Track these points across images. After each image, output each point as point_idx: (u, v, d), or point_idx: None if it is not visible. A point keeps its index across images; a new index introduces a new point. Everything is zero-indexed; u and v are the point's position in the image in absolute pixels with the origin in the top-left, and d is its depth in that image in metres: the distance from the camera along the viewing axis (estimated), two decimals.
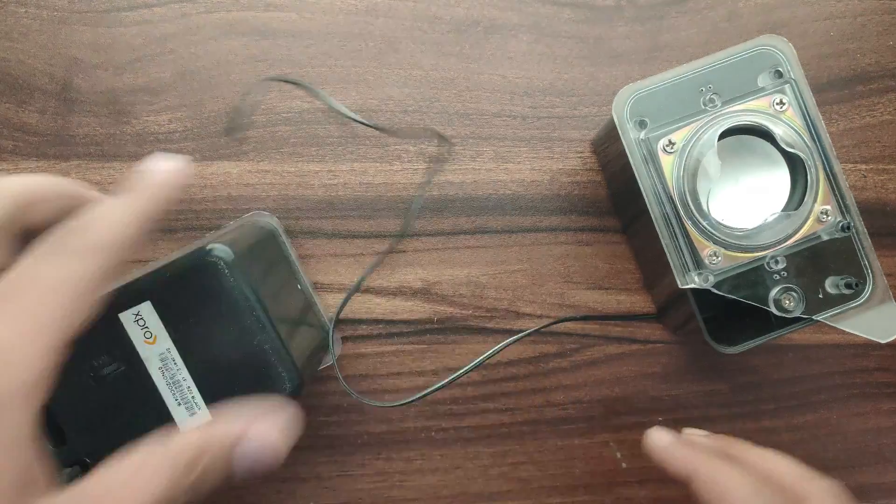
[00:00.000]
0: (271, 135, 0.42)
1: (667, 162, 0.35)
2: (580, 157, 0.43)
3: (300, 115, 0.42)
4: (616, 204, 0.42)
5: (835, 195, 0.35)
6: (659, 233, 0.35)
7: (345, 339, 0.41)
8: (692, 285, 0.35)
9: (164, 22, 0.42)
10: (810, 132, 0.35)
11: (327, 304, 0.41)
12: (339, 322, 0.41)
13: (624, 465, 0.42)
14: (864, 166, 0.44)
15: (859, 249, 0.35)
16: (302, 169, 0.42)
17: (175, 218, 0.41)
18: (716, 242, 0.35)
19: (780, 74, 0.36)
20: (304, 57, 0.42)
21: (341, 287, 0.42)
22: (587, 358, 0.42)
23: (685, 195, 0.35)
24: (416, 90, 0.43)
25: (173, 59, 0.42)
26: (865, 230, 0.35)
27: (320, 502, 0.41)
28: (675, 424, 0.42)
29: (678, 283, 0.35)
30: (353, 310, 0.42)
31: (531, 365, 0.42)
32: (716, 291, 0.35)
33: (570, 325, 0.42)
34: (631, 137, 0.35)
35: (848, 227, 0.35)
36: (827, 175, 0.35)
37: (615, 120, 0.35)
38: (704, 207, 0.35)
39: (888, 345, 0.43)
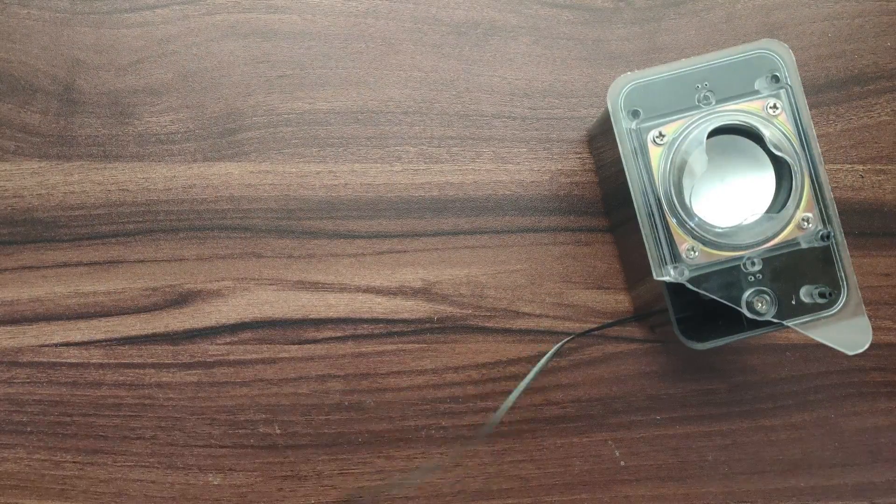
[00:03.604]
0: (272, 135, 0.42)
1: (655, 153, 0.36)
2: (579, 158, 0.43)
3: (301, 116, 0.42)
4: (607, 206, 0.43)
5: (818, 204, 0.36)
6: (640, 223, 0.35)
7: (346, 338, 0.42)
8: (667, 278, 0.35)
9: (165, 23, 0.42)
10: (800, 139, 0.36)
11: (328, 304, 0.42)
12: (341, 321, 0.42)
13: (622, 463, 0.42)
14: (861, 167, 0.44)
15: (837, 260, 0.36)
16: (303, 169, 0.42)
17: (177, 218, 0.42)
18: (695, 238, 0.35)
19: (777, 79, 0.36)
20: (306, 58, 0.43)
21: (342, 287, 0.42)
22: (586, 357, 0.42)
23: (669, 188, 0.35)
24: (416, 91, 0.43)
25: (175, 61, 0.42)
26: (845, 242, 0.36)
27: (321, 500, 0.41)
28: (674, 423, 0.42)
29: (654, 274, 0.35)
30: (353, 309, 0.42)
31: (530, 364, 0.42)
32: (690, 286, 0.35)
33: (569, 325, 0.42)
34: (623, 126, 0.36)
35: (828, 237, 0.35)
36: (812, 183, 0.35)
37: (609, 107, 0.36)
38: (687, 202, 0.35)
39: (886, 344, 0.43)
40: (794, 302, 0.36)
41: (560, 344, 0.41)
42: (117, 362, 0.41)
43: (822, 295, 0.35)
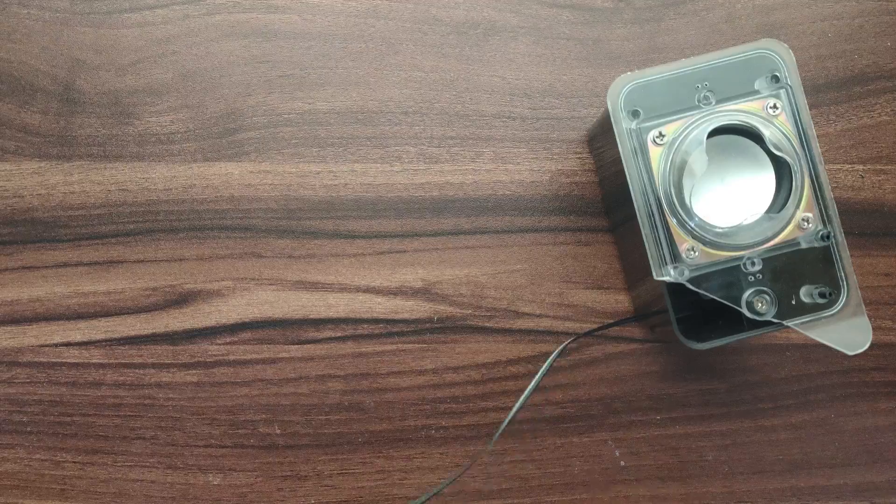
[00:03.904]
0: (272, 136, 0.42)
1: (655, 154, 0.36)
2: (579, 158, 0.43)
3: (301, 116, 0.42)
4: (607, 206, 0.43)
5: (818, 203, 0.36)
6: (640, 223, 0.35)
7: (346, 338, 0.42)
8: (667, 278, 0.35)
9: (165, 23, 0.42)
10: (800, 139, 0.36)
11: (328, 304, 0.42)
12: (341, 321, 0.42)
13: (622, 463, 0.42)
14: (861, 167, 0.44)
15: (837, 260, 0.36)
16: (303, 169, 0.42)
17: (177, 218, 0.42)
18: (695, 238, 0.35)
19: (777, 79, 0.36)
20: (306, 58, 0.43)
21: (341, 287, 0.42)
22: (586, 357, 0.42)
23: (669, 188, 0.35)
24: (416, 91, 0.43)
25: (175, 61, 0.42)
26: (845, 241, 0.36)
27: (321, 500, 0.41)
28: (674, 423, 0.42)
29: (654, 274, 0.35)
30: (353, 309, 0.42)
31: (530, 364, 0.42)
32: (690, 286, 0.35)
33: (569, 325, 0.42)
34: (623, 127, 0.36)
35: (828, 237, 0.35)
36: (812, 183, 0.35)
37: (609, 107, 0.36)
38: (687, 202, 0.35)
39: (886, 344, 0.43)
40: (794, 302, 0.36)
41: (563, 345, 0.41)
42: (117, 362, 0.41)
43: (822, 295, 0.35)
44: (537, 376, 0.41)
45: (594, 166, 0.43)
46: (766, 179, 0.36)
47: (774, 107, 0.36)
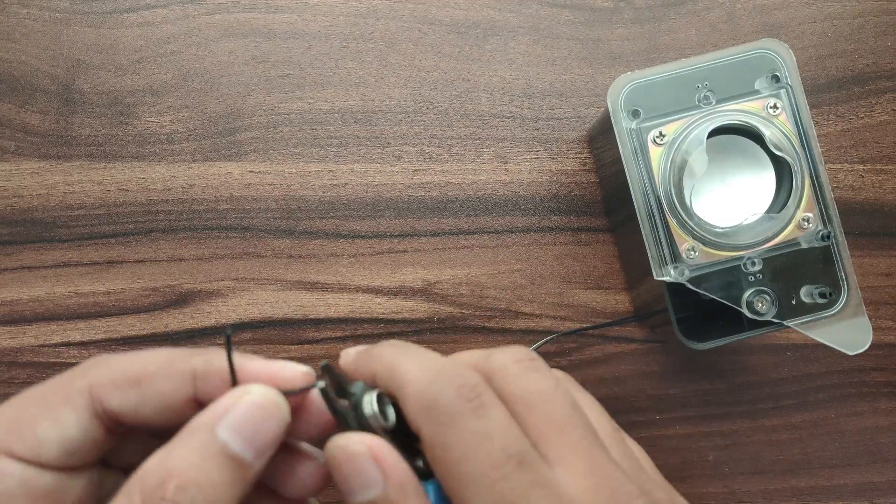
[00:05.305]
0: (272, 135, 0.42)
1: (655, 154, 0.36)
2: (579, 158, 0.43)
3: (301, 116, 0.42)
4: (607, 206, 0.43)
5: (818, 203, 0.36)
6: (640, 223, 0.35)
7: (345, 338, 0.42)
8: (667, 278, 0.35)
9: (165, 23, 0.42)
10: (801, 139, 0.36)
11: (328, 304, 0.42)
12: (341, 321, 0.42)
13: None
14: (861, 167, 0.44)
15: (837, 260, 0.36)
16: (303, 169, 0.42)
17: (177, 218, 0.41)
18: (695, 238, 0.35)
19: (777, 79, 0.36)
20: (305, 58, 0.43)
21: (341, 287, 0.42)
22: (586, 357, 0.42)
23: (670, 188, 0.35)
24: (416, 91, 0.43)
25: (175, 61, 0.42)
26: (845, 241, 0.36)
27: (320, 500, 0.41)
28: (674, 423, 0.42)
29: (654, 274, 0.35)
30: (353, 309, 0.42)
31: None
32: (690, 286, 0.35)
33: (569, 325, 0.42)
34: (623, 126, 0.36)
35: (828, 237, 0.36)
36: (813, 183, 0.36)
37: (609, 107, 0.36)
38: (687, 202, 0.35)
39: (886, 344, 0.43)
40: (794, 302, 0.36)
41: (539, 343, 0.41)
42: None
43: (822, 295, 0.35)
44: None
45: (594, 166, 0.43)
46: (766, 179, 0.36)
47: (775, 107, 0.36)
